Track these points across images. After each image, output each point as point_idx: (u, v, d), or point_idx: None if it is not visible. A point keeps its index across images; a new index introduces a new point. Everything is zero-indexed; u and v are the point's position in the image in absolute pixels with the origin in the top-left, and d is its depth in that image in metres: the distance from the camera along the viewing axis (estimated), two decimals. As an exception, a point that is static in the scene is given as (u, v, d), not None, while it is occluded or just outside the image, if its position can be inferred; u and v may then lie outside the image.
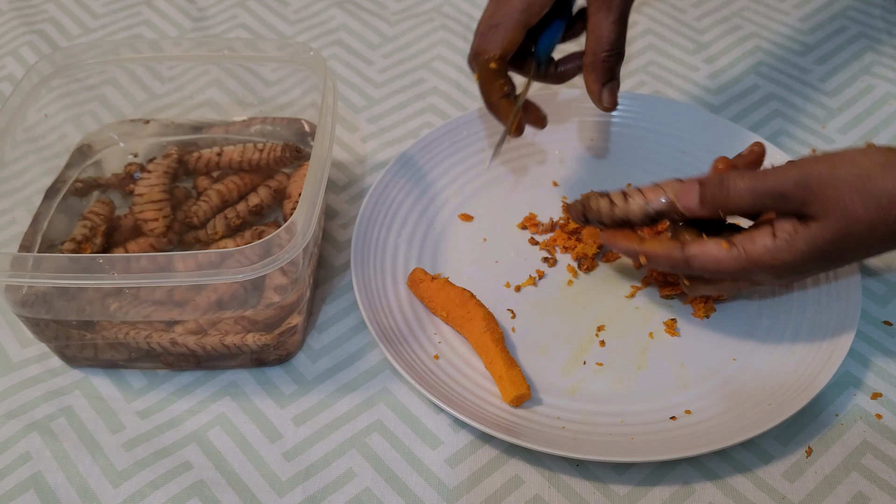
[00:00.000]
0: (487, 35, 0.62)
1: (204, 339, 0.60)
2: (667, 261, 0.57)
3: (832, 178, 0.50)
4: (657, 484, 0.56)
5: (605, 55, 0.61)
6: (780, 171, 0.52)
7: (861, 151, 0.51)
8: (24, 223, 0.68)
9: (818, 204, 0.51)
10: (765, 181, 0.52)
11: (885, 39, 0.87)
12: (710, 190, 0.55)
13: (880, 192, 0.50)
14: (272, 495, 0.57)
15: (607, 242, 0.60)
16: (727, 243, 0.54)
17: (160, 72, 0.80)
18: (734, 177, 0.54)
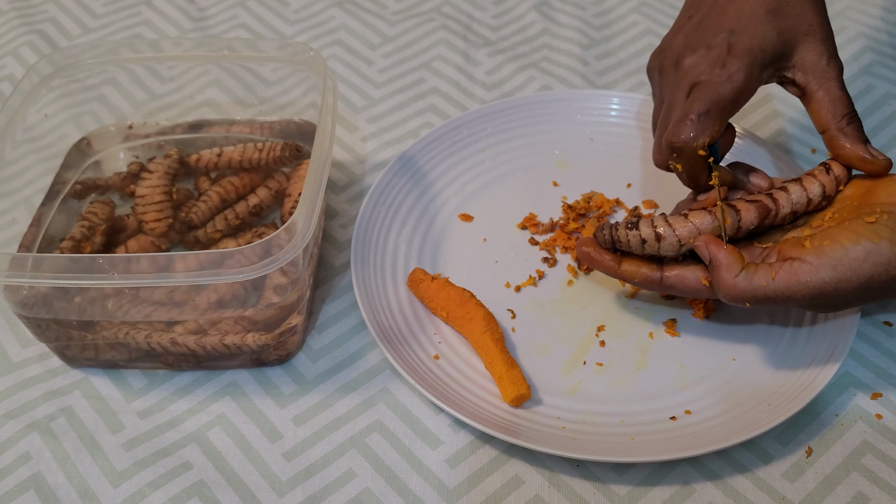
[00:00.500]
0: (692, 122, 0.56)
1: (204, 339, 0.60)
2: (643, 284, 0.59)
3: (838, 294, 0.53)
4: (657, 484, 0.56)
5: (849, 116, 0.57)
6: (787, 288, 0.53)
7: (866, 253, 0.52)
8: (24, 223, 0.68)
9: (816, 306, 0.55)
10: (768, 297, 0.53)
11: (885, 39, 0.87)
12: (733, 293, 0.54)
13: (876, 291, 0.53)
14: (272, 495, 0.57)
15: (585, 261, 0.60)
16: (705, 279, 0.56)
17: (160, 72, 0.80)
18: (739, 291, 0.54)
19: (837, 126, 0.57)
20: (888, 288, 0.52)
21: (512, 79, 0.85)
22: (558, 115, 0.78)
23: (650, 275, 0.58)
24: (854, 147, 0.56)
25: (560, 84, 0.84)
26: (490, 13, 0.92)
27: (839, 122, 0.57)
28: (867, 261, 0.52)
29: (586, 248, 0.60)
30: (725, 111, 0.57)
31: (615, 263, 0.59)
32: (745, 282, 0.54)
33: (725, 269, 0.54)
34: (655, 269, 0.58)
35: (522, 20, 0.91)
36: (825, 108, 0.57)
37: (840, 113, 0.57)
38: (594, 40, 0.89)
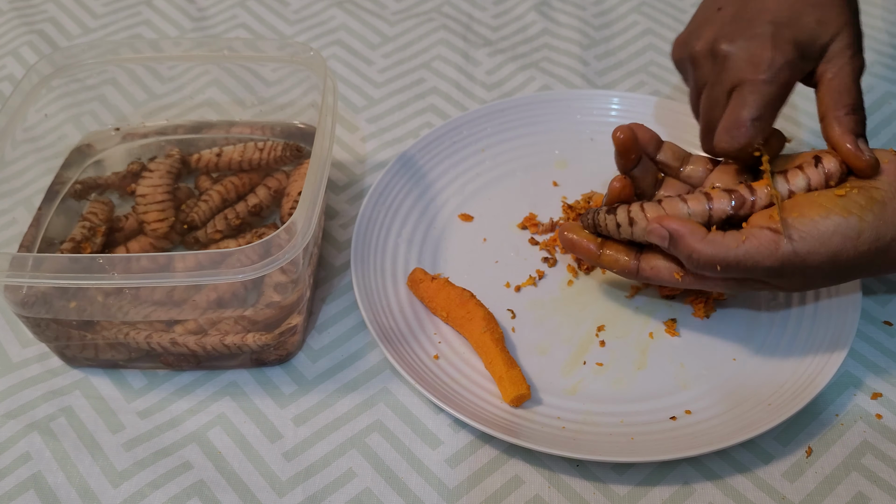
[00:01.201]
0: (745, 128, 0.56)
1: (204, 339, 0.60)
2: (621, 273, 0.59)
3: (805, 266, 0.53)
4: (657, 484, 0.56)
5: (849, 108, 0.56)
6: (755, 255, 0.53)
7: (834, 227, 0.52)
8: (24, 223, 0.68)
9: (784, 283, 0.55)
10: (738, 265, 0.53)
11: (885, 39, 0.87)
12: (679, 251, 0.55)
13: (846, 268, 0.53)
14: (272, 495, 0.57)
15: (568, 249, 0.61)
16: (678, 273, 0.56)
17: (160, 72, 0.80)
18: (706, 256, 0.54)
19: (835, 114, 0.56)
20: (856, 265, 0.53)
21: (512, 79, 0.85)
22: (558, 115, 0.78)
23: (628, 263, 0.58)
24: (843, 136, 0.55)
25: (560, 84, 0.84)
26: (490, 13, 0.93)
27: (838, 111, 0.56)
28: (836, 234, 0.52)
29: (568, 233, 0.60)
30: (776, 110, 0.56)
31: (596, 249, 0.59)
32: (711, 245, 0.53)
33: (689, 235, 0.54)
34: (633, 258, 0.58)
35: (522, 20, 0.91)
36: (830, 96, 0.56)
37: (844, 102, 0.56)
38: (594, 40, 0.89)
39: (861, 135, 0.55)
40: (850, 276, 0.55)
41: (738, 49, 0.56)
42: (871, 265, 0.54)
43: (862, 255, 0.52)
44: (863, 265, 0.53)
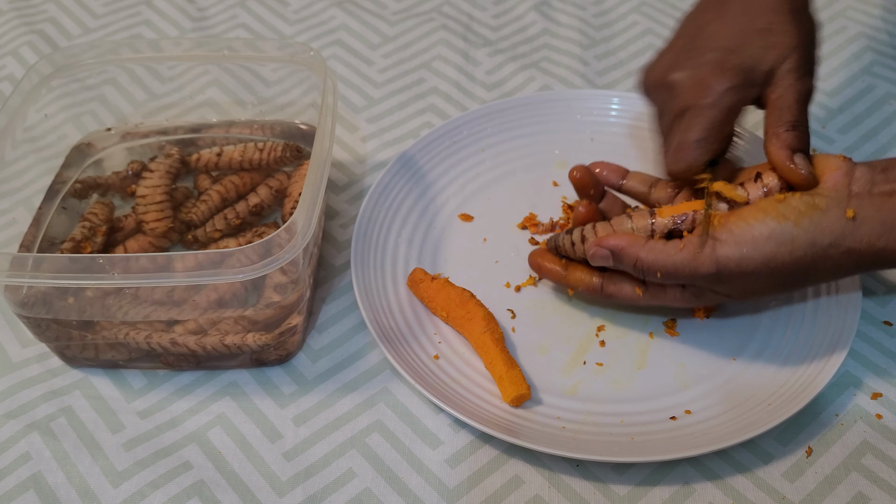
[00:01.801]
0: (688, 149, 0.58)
1: (204, 339, 0.60)
2: (588, 292, 0.62)
3: (741, 271, 0.54)
4: (657, 484, 0.56)
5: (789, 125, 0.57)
6: (692, 262, 0.54)
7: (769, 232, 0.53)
8: (24, 223, 0.68)
9: (726, 289, 0.56)
10: (677, 271, 0.55)
11: (885, 39, 0.87)
12: (625, 265, 0.57)
13: (784, 275, 0.54)
14: (272, 495, 0.57)
15: (536, 270, 0.65)
16: (640, 288, 0.59)
17: (160, 72, 0.80)
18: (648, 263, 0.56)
19: (775, 131, 0.56)
20: (794, 271, 0.53)
21: (512, 79, 0.85)
22: (558, 115, 0.78)
23: (592, 282, 0.61)
24: (780, 151, 0.55)
25: (560, 84, 0.84)
26: (490, 13, 0.93)
27: (779, 128, 0.56)
28: (770, 239, 0.53)
29: (536, 258, 0.64)
30: (720, 133, 0.58)
31: (562, 270, 0.62)
32: (652, 252, 0.56)
33: (629, 246, 0.57)
34: (597, 278, 0.61)
35: (522, 20, 0.91)
36: (773, 114, 0.57)
37: (784, 119, 0.56)
38: (594, 40, 0.89)
39: (800, 150, 0.56)
40: (795, 283, 0.55)
41: (684, 77, 0.59)
42: (811, 271, 0.54)
43: (798, 260, 0.53)
44: (801, 271, 0.54)
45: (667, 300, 0.59)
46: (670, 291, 0.58)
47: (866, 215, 0.52)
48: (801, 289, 0.57)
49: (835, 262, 0.53)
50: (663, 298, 0.59)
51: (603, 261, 0.58)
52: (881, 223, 0.52)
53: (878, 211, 0.52)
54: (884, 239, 0.52)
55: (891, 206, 0.52)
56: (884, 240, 0.52)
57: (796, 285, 0.56)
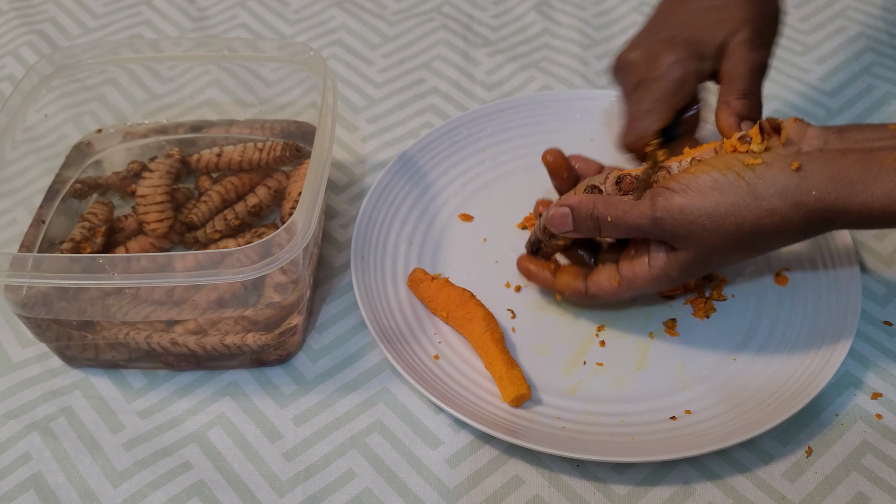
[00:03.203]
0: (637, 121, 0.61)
1: (204, 339, 0.60)
2: (575, 298, 0.62)
3: (684, 219, 0.53)
4: (657, 484, 0.56)
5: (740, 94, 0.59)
6: (640, 207, 0.55)
7: (712, 182, 0.53)
8: (24, 223, 0.68)
9: (677, 241, 0.55)
10: (626, 219, 0.56)
11: (885, 39, 0.87)
12: (583, 221, 0.57)
13: (731, 228, 0.53)
14: (272, 495, 0.57)
15: (525, 275, 0.65)
16: (615, 278, 0.59)
17: (160, 72, 0.80)
18: (601, 210, 0.56)
19: (726, 99, 0.58)
20: (741, 227, 0.53)
21: (512, 79, 0.85)
22: (558, 115, 0.78)
23: (577, 286, 0.61)
24: (728, 118, 0.57)
25: (560, 84, 0.84)
26: (490, 13, 0.93)
27: (729, 97, 0.58)
28: (713, 189, 0.53)
29: (525, 262, 0.64)
30: (669, 104, 0.60)
31: (550, 276, 0.63)
32: (606, 202, 0.56)
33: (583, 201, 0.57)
34: (581, 281, 0.61)
35: (522, 20, 0.91)
36: (725, 85, 0.59)
37: (735, 88, 0.58)
38: (594, 40, 0.89)
39: (749, 118, 0.58)
40: (747, 242, 0.54)
41: (638, 55, 0.62)
42: (759, 228, 0.53)
43: (741, 213, 0.52)
44: (749, 227, 0.53)
45: (638, 283, 0.57)
46: (639, 271, 0.57)
47: (814, 169, 0.51)
48: (758, 254, 0.56)
49: (783, 217, 0.52)
50: (635, 282, 0.58)
51: (562, 221, 0.58)
52: (830, 178, 0.51)
53: (828, 166, 0.51)
54: (834, 194, 0.51)
55: (842, 162, 0.51)
56: (834, 195, 0.51)
57: (751, 245, 0.54)
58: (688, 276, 0.57)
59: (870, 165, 0.51)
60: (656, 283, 0.57)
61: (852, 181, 0.51)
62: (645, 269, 0.57)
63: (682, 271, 0.56)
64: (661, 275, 0.57)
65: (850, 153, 0.52)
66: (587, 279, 0.61)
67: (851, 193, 0.51)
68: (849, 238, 0.66)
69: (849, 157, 0.51)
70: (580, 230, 0.58)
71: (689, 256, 0.55)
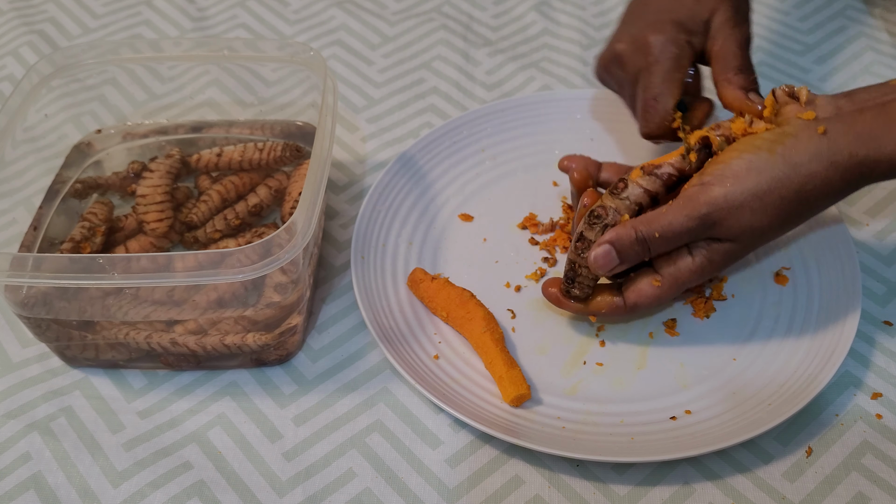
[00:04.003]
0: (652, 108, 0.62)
1: (204, 339, 0.60)
2: (615, 316, 0.60)
3: (730, 207, 0.54)
4: (657, 484, 0.56)
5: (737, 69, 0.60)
6: (682, 210, 0.55)
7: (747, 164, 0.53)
8: (24, 223, 0.68)
9: (725, 232, 0.55)
10: (674, 228, 0.55)
11: (885, 39, 0.87)
12: (629, 249, 0.56)
13: (776, 203, 0.54)
14: (272, 495, 0.57)
15: (554, 303, 0.61)
16: (656, 279, 0.57)
17: (160, 72, 0.80)
18: (644, 230, 0.55)
19: (725, 76, 0.60)
20: (786, 198, 0.53)
21: (512, 79, 0.85)
22: (558, 115, 0.78)
23: (614, 301, 0.59)
24: (735, 92, 0.59)
25: (560, 84, 0.84)
26: (490, 13, 0.93)
27: (727, 73, 0.60)
28: (751, 171, 0.53)
29: (554, 288, 0.61)
30: (675, 82, 0.61)
31: (583, 302, 0.60)
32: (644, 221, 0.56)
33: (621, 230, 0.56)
34: (617, 295, 0.59)
35: (522, 20, 0.91)
36: (719, 63, 0.61)
37: (731, 65, 0.60)
38: (594, 40, 0.89)
39: (752, 89, 0.59)
40: (793, 211, 0.54)
41: (626, 45, 0.63)
42: (802, 195, 0.54)
43: (783, 185, 0.53)
44: (792, 196, 0.53)
45: (683, 278, 0.57)
46: (682, 265, 0.56)
47: (839, 130, 0.53)
48: (801, 222, 0.56)
49: (823, 179, 0.53)
50: (680, 278, 0.57)
51: (606, 259, 0.56)
52: (856, 136, 0.53)
53: (851, 126, 0.53)
54: (864, 149, 0.52)
55: (862, 120, 0.53)
56: (864, 149, 0.52)
57: (796, 215, 0.55)
58: (732, 261, 0.57)
59: (889, 117, 0.53)
60: (701, 275, 0.57)
61: (877, 135, 0.52)
62: (688, 262, 0.56)
63: (727, 257, 0.56)
64: (706, 263, 0.56)
65: (866, 111, 0.53)
66: (623, 292, 0.59)
67: (880, 146, 0.52)
68: (849, 238, 0.66)
69: (866, 114, 0.53)
70: (626, 260, 0.56)
71: (738, 244, 0.56)
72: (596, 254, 0.56)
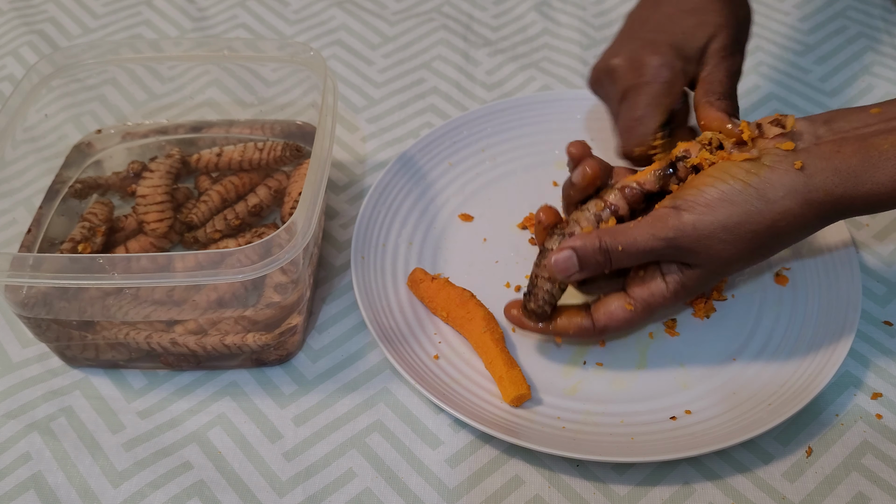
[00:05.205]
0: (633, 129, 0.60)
1: (204, 339, 0.60)
2: (580, 337, 0.59)
3: (699, 236, 0.53)
4: (657, 484, 0.56)
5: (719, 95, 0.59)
6: (649, 229, 0.54)
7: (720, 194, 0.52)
8: (25, 223, 0.68)
9: (693, 258, 0.54)
10: (638, 245, 0.54)
11: (885, 39, 0.87)
12: (591, 258, 0.55)
13: (747, 236, 0.53)
14: (272, 495, 0.57)
15: (516, 324, 0.60)
16: (628, 303, 0.56)
17: (160, 72, 0.80)
18: (609, 241, 0.54)
19: (707, 100, 0.59)
20: (757, 232, 0.52)
21: (512, 79, 0.85)
22: (558, 115, 0.78)
23: (582, 323, 0.58)
24: (717, 114, 0.57)
25: (560, 84, 0.84)
26: (490, 13, 0.93)
27: (710, 97, 0.59)
28: (723, 201, 0.52)
29: (516, 311, 0.60)
30: (662, 107, 0.60)
31: (546, 323, 0.59)
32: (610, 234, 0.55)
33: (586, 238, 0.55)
34: (586, 316, 0.58)
35: (522, 20, 0.91)
36: (703, 88, 0.60)
37: (714, 90, 0.59)
38: (594, 40, 0.89)
39: (733, 115, 0.58)
40: (763, 245, 0.54)
41: (621, 60, 0.62)
42: (774, 231, 0.53)
43: (755, 219, 0.52)
44: (764, 231, 0.52)
45: (657, 303, 0.56)
46: (656, 290, 0.56)
47: (817, 166, 0.52)
48: (772, 254, 0.55)
49: (796, 217, 0.52)
50: (653, 303, 0.56)
51: (566, 264, 0.55)
52: (834, 172, 0.51)
53: (829, 161, 0.52)
54: (841, 187, 0.51)
55: (841, 155, 0.52)
56: (841, 188, 0.51)
57: (767, 248, 0.54)
58: (705, 287, 0.56)
59: (869, 153, 0.51)
60: (675, 300, 0.56)
61: (856, 172, 0.51)
62: (661, 287, 0.56)
63: (699, 283, 0.56)
64: (680, 289, 0.56)
65: (846, 143, 0.52)
66: (592, 313, 0.58)
67: (857, 184, 0.51)
68: (849, 238, 0.66)
69: (846, 147, 0.52)
70: (587, 269, 0.55)
71: (706, 270, 0.55)
72: (557, 257, 0.55)
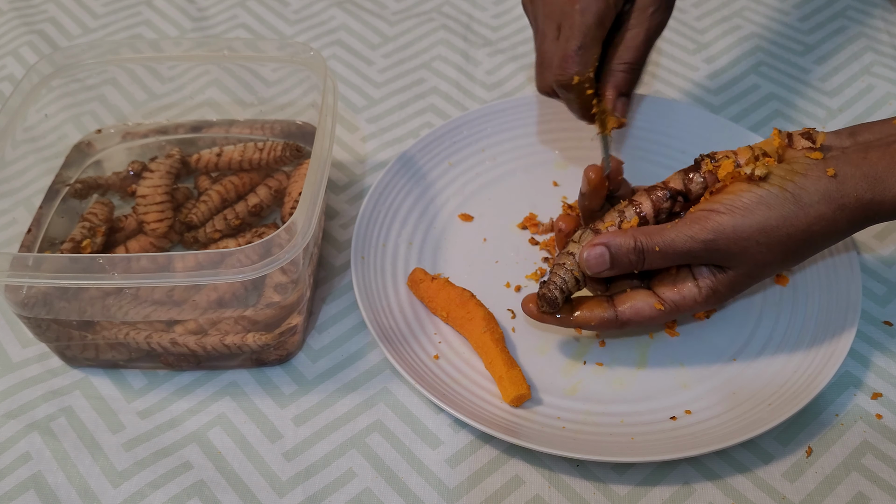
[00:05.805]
0: (572, 59, 0.61)
1: (204, 339, 0.60)
2: (602, 328, 0.58)
3: (737, 237, 0.53)
4: (657, 484, 0.56)
5: (627, 66, 0.62)
6: (687, 230, 0.54)
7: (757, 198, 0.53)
8: (25, 223, 0.68)
9: (730, 260, 0.54)
10: (675, 245, 0.54)
11: (885, 39, 0.87)
12: (624, 257, 0.55)
13: (782, 239, 0.54)
14: (272, 495, 0.57)
15: (534, 318, 0.59)
16: (658, 302, 0.56)
17: (160, 72, 0.80)
18: (645, 241, 0.54)
19: (614, 65, 0.62)
20: (791, 236, 0.53)
21: (512, 79, 0.85)
22: (558, 115, 0.78)
23: (604, 315, 0.57)
24: (610, 90, 0.62)
25: (560, 84, 0.84)
26: (490, 13, 0.93)
27: (618, 64, 0.62)
28: (760, 205, 0.53)
29: (533, 304, 0.58)
30: (596, 38, 0.61)
31: (567, 315, 0.58)
32: (646, 234, 0.55)
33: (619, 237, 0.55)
34: (608, 307, 0.57)
35: (522, 20, 0.91)
36: (618, 48, 0.62)
37: (624, 59, 0.62)
38: (594, 40, 0.89)
39: (626, 94, 0.62)
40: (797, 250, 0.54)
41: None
42: (808, 235, 0.53)
43: (791, 223, 0.53)
44: (798, 235, 0.53)
45: (686, 305, 0.56)
46: (687, 293, 0.56)
47: (847, 172, 0.53)
48: (801, 261, 0.56)
49: (829, 221, 0.53)
50: (682, 305, 0.56)
51: (599, 261, 0.55)
52: (863, 178, 0.53)
53: (858, 167, 0.53)
54: (870, 192, 0.52)
55: (869, 161, 0.53)
56: (870, 193, 0.52)
57: (800, 253, 0.55)
58: (736, 292, 0.56)
59: (894, 159, 0.52)
60: (705, 304, 0.56)
61: (883, 177, 0.52)
62: (693, 291, 0.56)
63: (731, 289, 0.56)
64: (711, 294, 0.56)
65: (872, 150, 0.53)
66: (616, 306, 0.57)
67: (885, 188, 0.52)
68: (849, 238, 0.66)
69: (871, 154, 0.53)
70: (618, 267, 0.55)
71: (740, 273, 0.55)
72: (589, 253, 0.55)
